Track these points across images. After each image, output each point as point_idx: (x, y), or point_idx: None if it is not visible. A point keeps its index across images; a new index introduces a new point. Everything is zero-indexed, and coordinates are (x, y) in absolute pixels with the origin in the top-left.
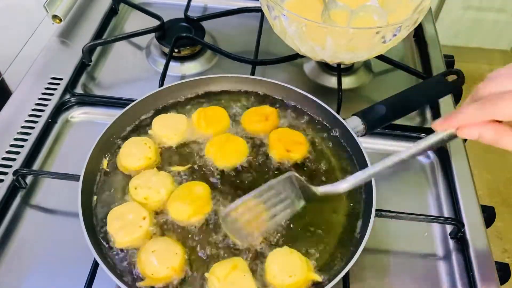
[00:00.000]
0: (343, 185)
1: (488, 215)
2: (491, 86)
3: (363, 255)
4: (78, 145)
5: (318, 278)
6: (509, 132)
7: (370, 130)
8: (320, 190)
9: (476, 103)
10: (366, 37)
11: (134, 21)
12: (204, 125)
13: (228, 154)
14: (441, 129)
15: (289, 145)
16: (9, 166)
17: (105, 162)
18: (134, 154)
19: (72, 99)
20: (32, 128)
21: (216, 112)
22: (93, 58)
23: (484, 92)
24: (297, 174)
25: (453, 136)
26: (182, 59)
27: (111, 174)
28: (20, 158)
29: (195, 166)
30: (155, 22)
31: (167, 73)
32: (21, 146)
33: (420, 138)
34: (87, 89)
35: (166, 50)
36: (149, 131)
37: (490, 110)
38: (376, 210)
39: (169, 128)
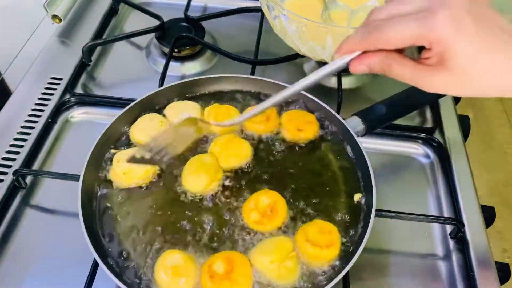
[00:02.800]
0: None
1: (488, 215)
2: (382, 12)
3: (363, 255)
4: (78, 145)
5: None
6: (398, 60)
7: (370, 130)
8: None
9: (362, 29)
10: None
11: (134, 21)
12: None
13: (231, 156)
14: (337, 57)
15: (300, 124)
16: (9, 166)
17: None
18: (145, 129)
19: (72, 99)
20: (32, 128)
21: (229, 111)
22: (93, 58)
23: (376, 16)
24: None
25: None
26: (182, 59)
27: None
28: (20, 158)
29: None
30: (155, 22)
31: (167, 73)
32: (21, 146)
33: (420, 138)
34: (87, 89)
35: (166, 50)
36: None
37: (374, 37)
38: (376, 210)
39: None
